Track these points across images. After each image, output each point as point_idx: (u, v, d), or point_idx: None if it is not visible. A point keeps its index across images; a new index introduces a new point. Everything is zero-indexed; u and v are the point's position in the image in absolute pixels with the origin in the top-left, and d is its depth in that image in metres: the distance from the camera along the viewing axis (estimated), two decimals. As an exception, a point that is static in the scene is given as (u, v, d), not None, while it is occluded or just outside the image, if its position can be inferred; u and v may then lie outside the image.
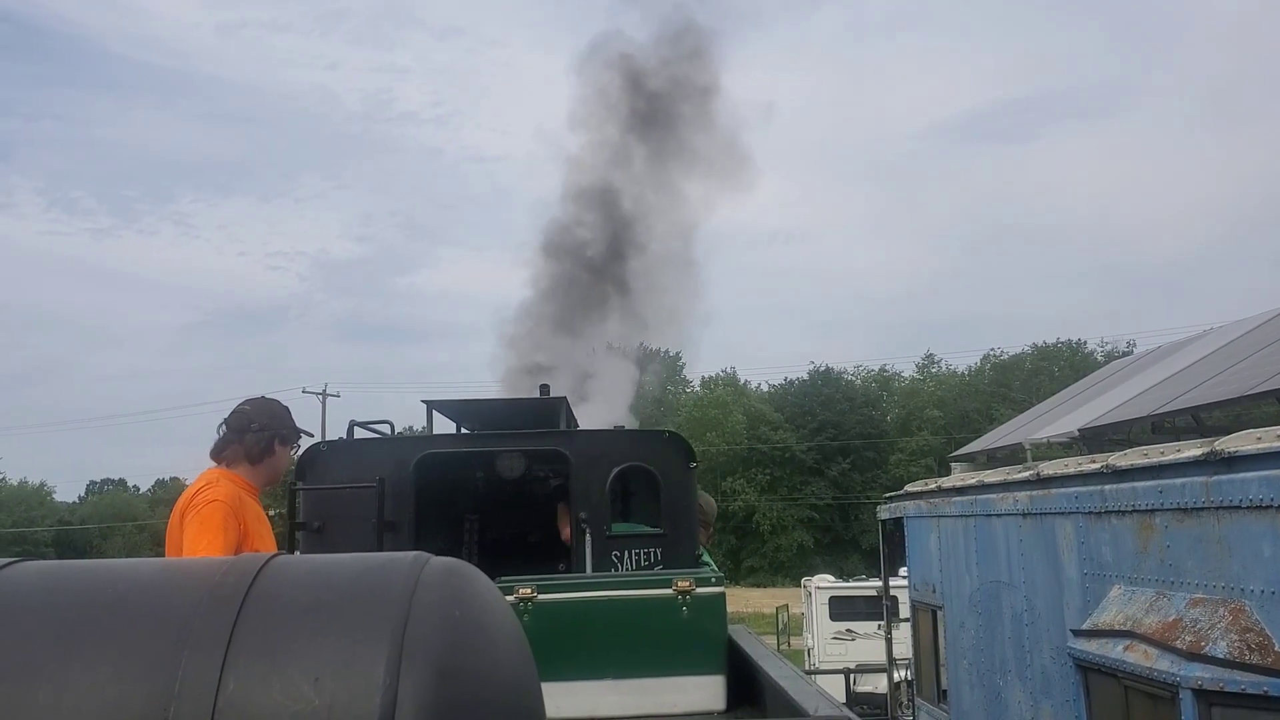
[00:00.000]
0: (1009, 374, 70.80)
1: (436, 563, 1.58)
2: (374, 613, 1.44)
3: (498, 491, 7.79)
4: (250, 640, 1.41)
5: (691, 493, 6.45)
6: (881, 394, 75.44)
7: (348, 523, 5.89)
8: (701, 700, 4.86)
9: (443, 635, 1.44)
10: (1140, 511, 5.38)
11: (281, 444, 4.65)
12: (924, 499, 9.97)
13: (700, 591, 4.97)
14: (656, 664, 4.87)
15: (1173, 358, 11.19)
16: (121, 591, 1.53)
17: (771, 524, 65.12)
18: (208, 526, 4.15)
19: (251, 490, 4.51)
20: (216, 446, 4.55)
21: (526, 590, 4.93)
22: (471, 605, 1.55)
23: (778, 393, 74.52)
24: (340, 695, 1.35)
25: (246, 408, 4.62)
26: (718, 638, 5.00)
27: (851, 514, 65.30)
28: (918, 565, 10.18)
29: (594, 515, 6.12)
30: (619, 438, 6.71)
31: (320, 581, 1.53)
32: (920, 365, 78.17)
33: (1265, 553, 4.40)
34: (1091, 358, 65.57)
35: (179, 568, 1.66)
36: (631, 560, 6.16)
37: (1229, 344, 9.72)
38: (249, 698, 1.36)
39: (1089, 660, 5.81)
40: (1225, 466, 4.75)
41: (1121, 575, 5.63)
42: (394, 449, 6.43)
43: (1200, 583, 4.87)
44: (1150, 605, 5.24)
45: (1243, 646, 4.46)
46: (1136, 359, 14.62)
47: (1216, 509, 4.71)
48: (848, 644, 22.40)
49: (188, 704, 1.36)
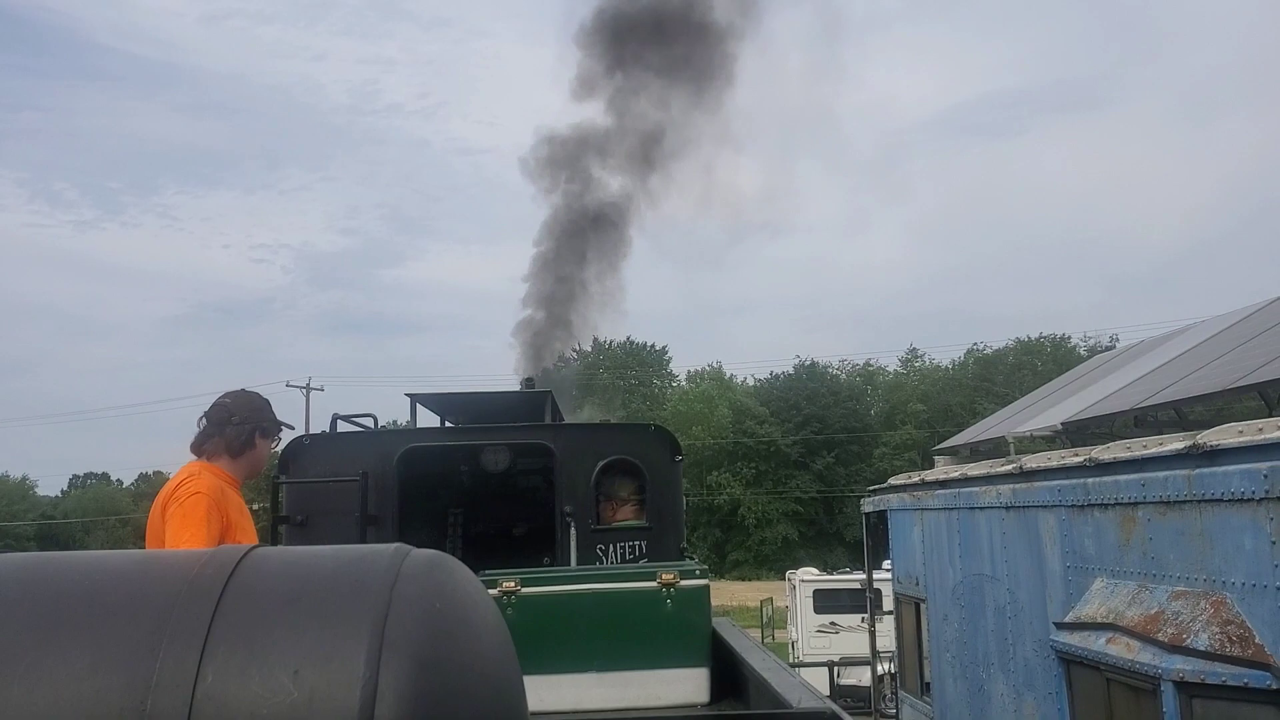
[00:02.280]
0: (992, 368, 71.02)
1: (418, 555, 1.58)
2: (354, 605, 1.43)
3: (482, 485, 7.78)
4: (229, 632, 1.40)
5: (677, 486, 6.45)
6: (866, 388, 75.67)
7: (331, 516, 5.87)
8: (685, 693, 4.86)
9: (424, 627, 1.43)
10: (1123, 505, 5.40)
11: (262, 437, 4.62)
12: (908, 492, 9.99)
13: (684, 584, 4.97)
14: (641, 657, 4.87)
15: (1155, 352, 11.24)
16: (99, 583, 1.52)
17: (756, 517, 65.24)
18: (191, 519, 4.13)
19: (233, 483, 4.49)
20: (197, 440, 4.52)
21: (510, 584, 4.93)
22: (453, 598, 1.54)
23: (763, 387, 74.62)
24: (320, 687, 1.34)
25: (227, 400, 4.59)
26: (702, 631, 5.00)
27: (836, 507, 65.48)
28: (901, 558, 10.21)
29: (579, 509, 6.12)
30: (604, 431, 6.71)
31: (300, 573, 1.52)
32: (904, 359, 78.36)
33: (1246, 546, 4.42)
34: (1074, 352, 65.84)
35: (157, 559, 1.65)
36: (617, 553, 6.16)
37: (1210, 339, 9.78)
38: (228, 689, 1.35)
39: (1071, 653, 5.83)
40: (1207, 460, 4.77)
41: (1104, 568, 5.65)
42: (377, 442, 6.41)
43: (1182, 575, 4.90)
44: (1132, 598, 5.27)
45: (1224, 639, 4.48)
46: (1119, 354, 14.69)
47: (1198, 502, 4.73)
48: (832, 637, 22.47)
49: (165, 696, 1.35)
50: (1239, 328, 9.43)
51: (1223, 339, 9.32)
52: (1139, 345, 13.64)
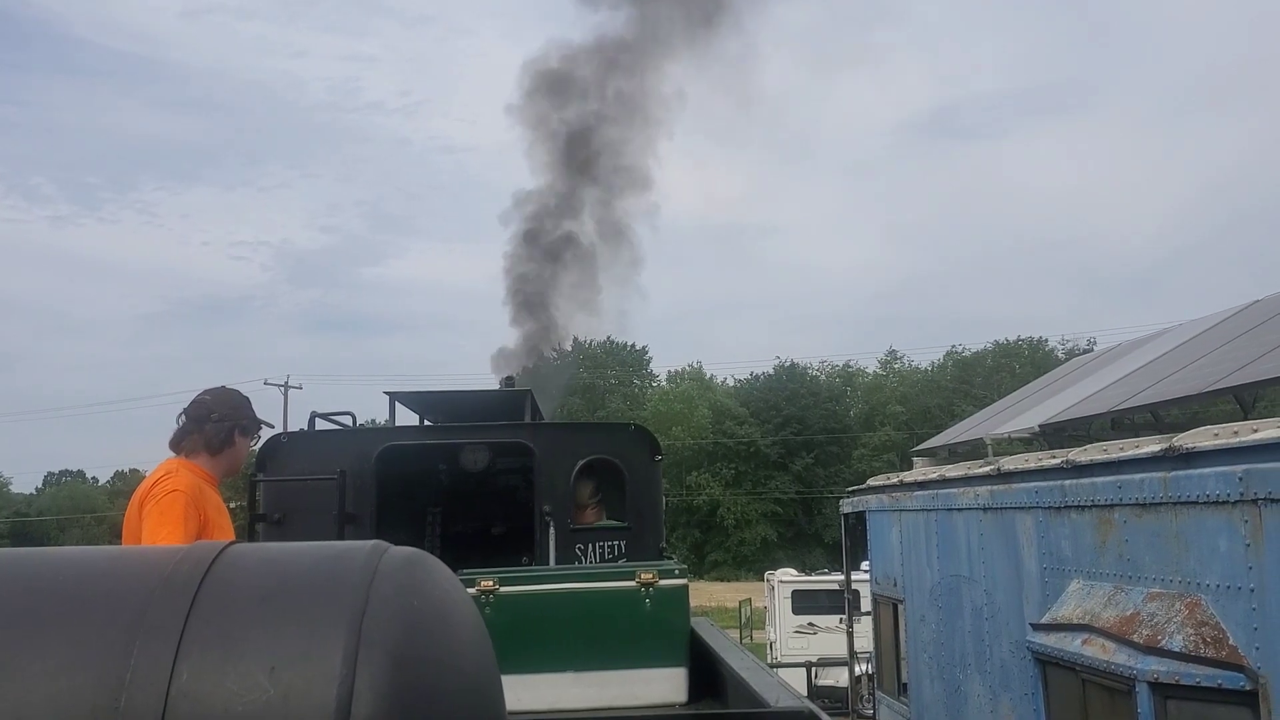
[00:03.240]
0: (971, 370, 71.35)
1: (395, 552, 1.57)
2: (331, 602, 1.42)
3: (461, 484, 7.76)
4: (204, 629, 1.39)
5: (657, 485, 6.45)
6: (845, 389, 75.84)
7: (309, 515, 5.84)
8: (663, 692, 4.87)
9: (401, 625, 1.43)
10: (1099, 506, 5.43)
11: (241, 434, 4.60)
12: (886, 493, 10.02)
13: (663, 584, 4.97)
14: (619, 656, 4.87)
15: (1132, 355, 11.31)
16: (72, 579, 1.50)
17: (735, 518, 65.33)
18: (168, 516, 4.10)
19: (211, 480, 4.46)
20: (175, 436, 4.49)
21: (489, 583, 4.92)
22: (430, 595, 1.53)
23: (743, 387, 74.74)
24: (296, 684, 1.33)
25: (206, 397, 4.56)
26: (680, 630, 5.00)
27: (815, 508, 65.63)
28: (879, 559, 10.24)
29: (558, 508, 6.11)
30: (583, 430, 6.71)
31: (277, 570, 1.51)
32: (884, 361, 78.60)
33: (1221, 547, 4.45)
34: (1052, 355, 66.18)
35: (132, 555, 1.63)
36: (596, 553, 6.15)
37: (1187, 342, 9.84)
38: (203, 687, 1.34)
39: (1047, 654, 5.86)
40: (1183, 462, 4.81)
41: (1080, 569, 5.69)
42: (356, 441, 6.38)
43: (1157, 577, 4.93)
44: (1108, 599, 5.30)
45: (1198, 640, 4.52)
46: (1096, 356, 14.77)
47: (1174, 504, 4.76)
48: (810, 637, 22.52)
49: (140, 693, 1.33)
50: (1215, 332, 9.50)
51: (1199, 343, 9.39)
52: (1116, 348, 13.72)
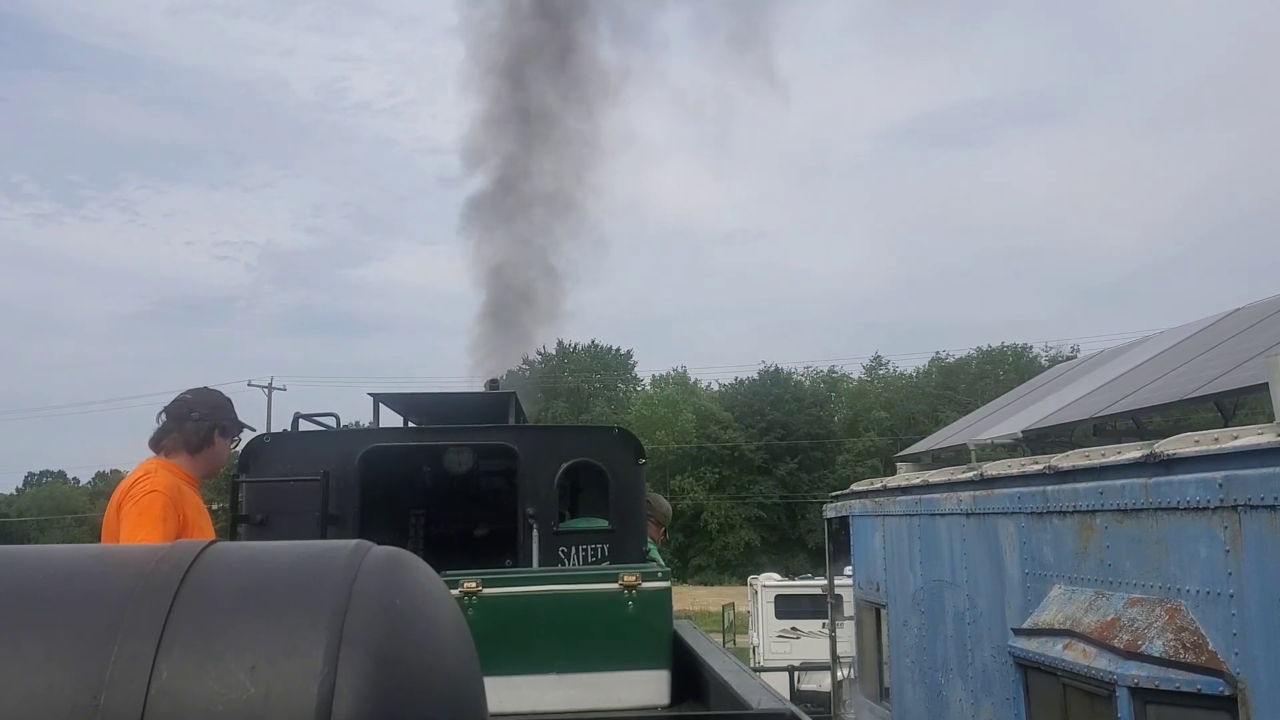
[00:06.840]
0: (955, 376, 71.59)
1: (378, 551, 1.56)
2: (313, 600, 1.41)
3: (445, 486, 7.73)
4: (185, 627, 1.38)
5: (640, 489, 6.44)
6: (830, 395, 76.01)
7: (291, 516, 5.81)
8: (646, 695, 4.86)
9: (383, 624, 1.42)
10: (1081, 512, 5.46)
11: (222, 435, 4.58)
12: (869, 498, 10.05)
13: (646, 586, 4.97)
14: (601, 658, 4.86)
15: (1114, 362, 11.37)
16: (52, 577, 1.49)
17: (719, 522, 65.36)
18: (146, 517, 4.08)
19: (190, 481, 4.44)
20: (155, 435, 4.47)
21: (472, 584, 4.91)
22: (413, 594, 1.52)
23: (728, 392, 74.78)
24: (277, 683, 1.32)
25: (188, 396, 4.55)
26: (663, 632, 5.00)
27: (798, 513, 65.71)
28: (862, 564, 10.26)
29: (541, 511, 6.10)
30: (568, 433, 6.70)
31: (258, 569, 1.50)
32: (868, 367, 78.85)
33: (1201, 553, 4.48)
34: (1036, 362, 66.46)
35: (111, 554, 1.62)
36: (579, 556, 6.14)
37: (1168, 349, 9.90)
38: (183, 685, 1.33)
39: (1029, 659, 5.89)
40: (1164, 469, 4.83)
41: (1062, 575, 5.71)
42: (339, 442, 6.35)
43: (1138, 582, 4.96)
44: (1089, 605, 5.32)
45: (1178, 645, 4.54)
46: (1079, 363, 14.84)
47: (1155, 510, 4.79)
48: (793, 642, 22.53)
49: (119, 692, 1.32)
50: (1196, 339, 9.56)
51: (1180, 350, 9.44)
52: (1099, 355, 13.78)
